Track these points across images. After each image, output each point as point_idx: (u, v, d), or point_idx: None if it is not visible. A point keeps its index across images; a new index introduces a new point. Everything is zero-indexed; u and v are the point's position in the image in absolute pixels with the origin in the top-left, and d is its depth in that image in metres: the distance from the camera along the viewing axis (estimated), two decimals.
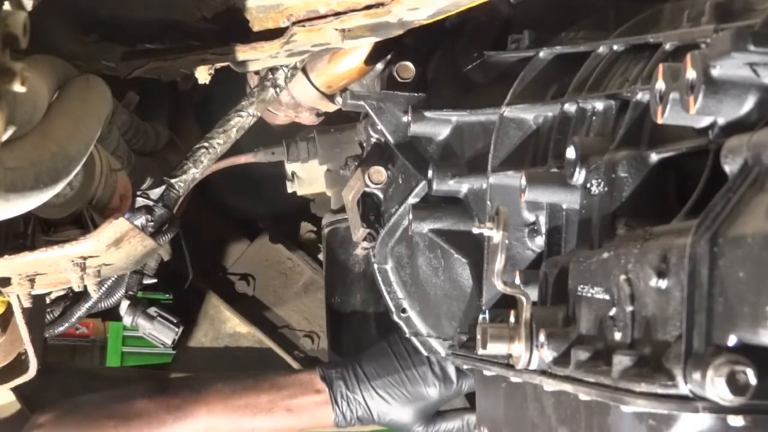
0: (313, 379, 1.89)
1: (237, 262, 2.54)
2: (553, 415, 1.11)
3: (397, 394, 1.84)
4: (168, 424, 1.87)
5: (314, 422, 1.92)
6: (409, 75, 1.69)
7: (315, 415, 1.89)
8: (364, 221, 1.76)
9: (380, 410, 1.85)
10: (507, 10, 1.67)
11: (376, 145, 1.80)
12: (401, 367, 1.83)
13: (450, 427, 1.90)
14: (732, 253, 0.77)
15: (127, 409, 1.87)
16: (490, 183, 1.38)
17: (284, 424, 1.91)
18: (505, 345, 1.11)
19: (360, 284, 2.12)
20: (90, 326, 5.19)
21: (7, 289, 1.45)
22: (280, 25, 1.37)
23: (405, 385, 1.83)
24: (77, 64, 1.34)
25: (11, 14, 0.89)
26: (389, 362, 1.84)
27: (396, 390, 1.84)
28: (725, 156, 0.86)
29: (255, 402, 1.89)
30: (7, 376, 1.74)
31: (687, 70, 0.89)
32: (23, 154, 1.03)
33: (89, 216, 1.40)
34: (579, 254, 1.07)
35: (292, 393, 1.89)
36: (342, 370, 1.88)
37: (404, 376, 1.83)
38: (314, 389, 1.88)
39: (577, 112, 1.27)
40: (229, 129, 1.63)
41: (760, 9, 0.99)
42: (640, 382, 0.83)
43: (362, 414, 1.86)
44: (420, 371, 1.82)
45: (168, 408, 1.88)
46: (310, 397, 1.88)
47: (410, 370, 1.83)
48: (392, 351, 1.85)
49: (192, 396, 1.89)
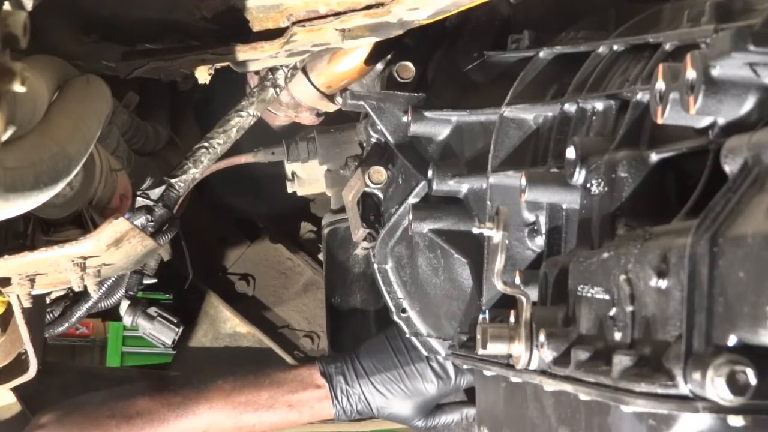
0: (313, 374, 1.90)
1: (237, 262, 2.54)
2: (553, 415, 1.11)
3: (396, 390, 1.84)
4: (170, 421, 1.87)
5: (315, 417, 1.92)
6: (409, 75, 1.69)
7: (315, 409, 1.90)
8: (364, 221, 1.76)
9: (379, 405, 1.86)
10: (507, 10, 1.67)
11: (376, 145, 1.80)
12: (400, 363, 1.84)
13: (449, 420, 1.90)
14: (732, 253, 0.77)
15: (129, 407, 1.88)
16: (490, 183, 1.38)
17: (285, 419, 1.91)
18: (505, 345, 1.11)
19: (360, 284, 2.12)
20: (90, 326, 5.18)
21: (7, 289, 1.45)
22: (280, 25, 1.37)
23: (404, 381, 1.84)
24: (77, 64, 1.34)
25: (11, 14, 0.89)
26: (388, 357, 1.85)
27: (395, 385, 1.84)
28: (725, 156, 0.86)
29: (256, 398, 1.89)
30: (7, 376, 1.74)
31: (687, 70, 0.89)
32: (23, 154, 1.03)
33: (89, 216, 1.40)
34: (579, 254, 1.07)
35: (292, 388, 1.90)
36: (341, 365, 1.88)
37: (402, 372, 1.83)
38: (314, 384, 1.89)
39: (577, 112, 1.27)
40: (229, 129, 1.63)
41: (760, 9, 0.99)
42: (640, 382, 0.83)
43: (362, 408, 1.87)
44: (418, 367, 1.82)
45: (169, 405, 1.88)
46: (311, 392, 1.89)
47: (408, 365, 1.83)
48: (391, 346, 1.85)
49: (193, 393, 1.89)
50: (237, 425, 1.89)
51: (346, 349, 2.00)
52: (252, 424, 1.90)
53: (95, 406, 1.89)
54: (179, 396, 1.89)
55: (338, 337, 2.16)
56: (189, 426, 1.87)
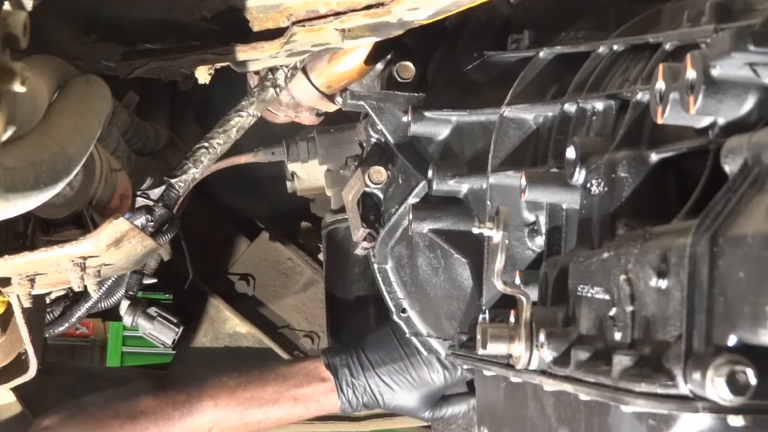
0: (318, 367, 1.89)
1: (237, 262, 2.54)
2: (553, 415, 1.11)
3: (402, 381, 1.83)
4: (175, 420, 1.86)
5: (321, 410, 1.91)
6: (409, 75, 1.69)
7: (321, 403, 1.89)
8: (364, 221, 1.76)
9: (386, 396, 1.85)
10: (507, 10, 1.67)
11: (376, 145, 1.80)
12: (405, 354, 1.83)
13: (456, 411, 1.89)
14: (732, 253, 0.77)
15: (133, 407, 1.87)
16: (490, 183, 1.38)
17: (291, 413, 1.91)
18: (505, 345, 1.11)
19: (360, 284, 2.12)
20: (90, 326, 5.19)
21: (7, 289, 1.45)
22: (280, 25, 1.37)
23: (410, 372, 1.83)
24: (77, 64, 1.34)
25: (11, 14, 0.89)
26: (393, 348, 1.84)
27: (401, 376, 1.83)
28: (725, 156, 0.86)
29: (261, 394, 1.89)
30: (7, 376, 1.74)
31: (687, 70, 0.89)
32: (23, 154, 1.03)
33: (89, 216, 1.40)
34: (579, 254, 1.07)
35: (297, 382, 1.89)
36: (346, 357, 1.87)
37: (409, 363, 1.83)
38: (319, 378, 1.88)
39: (577, 112, 1.27)
40: (229, 129, 1.63)
41: (760, 9, 0.99)
42: (640, 382, 0.83)
43: (368, 400, 1.86)
44: (425, 358, 1.81)
45: (174, 404, 1.87)
46: (316, 385, 1.88)
47: (415, 356, 1.82)
48: (396, 337, 1.84)
49: (197, 391, 1.89)
50: (243, 421, 1.89)
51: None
52: (258, 419, 1.89)
53: (98, 407, 1.89)
54: (183, 394, 1.89)
55: (338, 337, 2.16)
56: (194, 424, 1.87)
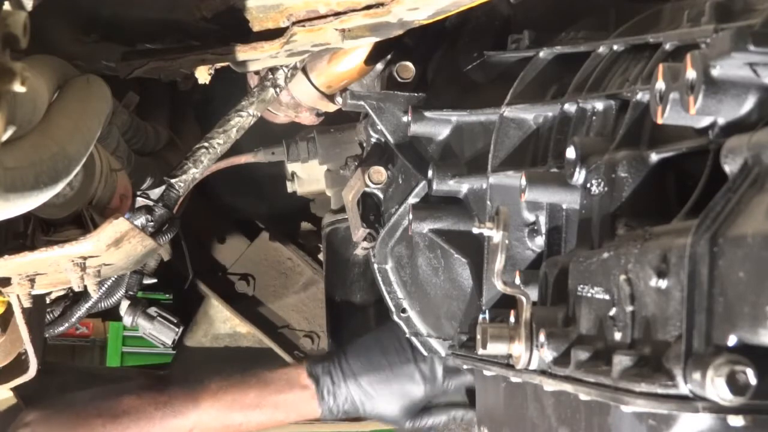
0: (299, 374, 1.90)
1: (237, 262, 2.54)
2: (553, 415, 1.11)
3: (383, 391, 1.84)
4: (156, 420, 1.87)
5: (301, 416, 1.93)
6: (409, 75, 1.69)
7: (302, 409, 1.90)
8: (364, 221, 1.76)
9: (366, 405, 1.86)
10: (507, 10, 1.67)
11: (376, 145, 1.80)
12: (387, 364, 1.83)
13: (436, 421, 1.90)
14: (732, 253, 0.77)
15: (116, 406, 1.88)
16: (490, 183, 1.38)
17: (272, 418, 1.92)
18: (505, 345, 1.11)
19: (360, 284, 2.12)
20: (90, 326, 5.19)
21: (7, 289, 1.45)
22: (280, 25, 1.37)
23: (391, 382, 1.83)
24: (77, 64, 1.34)
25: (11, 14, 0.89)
26: (375, 358, 1.84)
27: (382, 386, 1.84)
28: (725, 156, 0.86)
29: (242, 398, 1.89)
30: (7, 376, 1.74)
31: (687, 70, 0.89)
32: (23, 154, 1.03)
33: (89, 216, 1.40)
34: (579, 254, 1.07)
35: (279, 388, 1.90)
36: (329, 364, 1.88)
37: (390, 373, 1.83)
38: (301, 385, 1.89)
39: (577, 112, 1.27)
40: (229, 129, 1.63)
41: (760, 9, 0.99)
42: (640, 382, 0.83)
43: (349, 408, 1.87)
44: (407, 369, 1.82)
45: (156, 404, 1.88)
46: (297, 392, 1.89)
47: (396, 367, 1.83)
48: (380, 347, 1.85)
49: (180, 392, 1.89)
50: (223, 424, 1.89)
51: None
52: (239, 422, 1.90)
53: (83, 405, 1.89)
54: (165, 395, 1.89)
55: (338, 337, 2.16)
56: (175, 425, 1.87)
